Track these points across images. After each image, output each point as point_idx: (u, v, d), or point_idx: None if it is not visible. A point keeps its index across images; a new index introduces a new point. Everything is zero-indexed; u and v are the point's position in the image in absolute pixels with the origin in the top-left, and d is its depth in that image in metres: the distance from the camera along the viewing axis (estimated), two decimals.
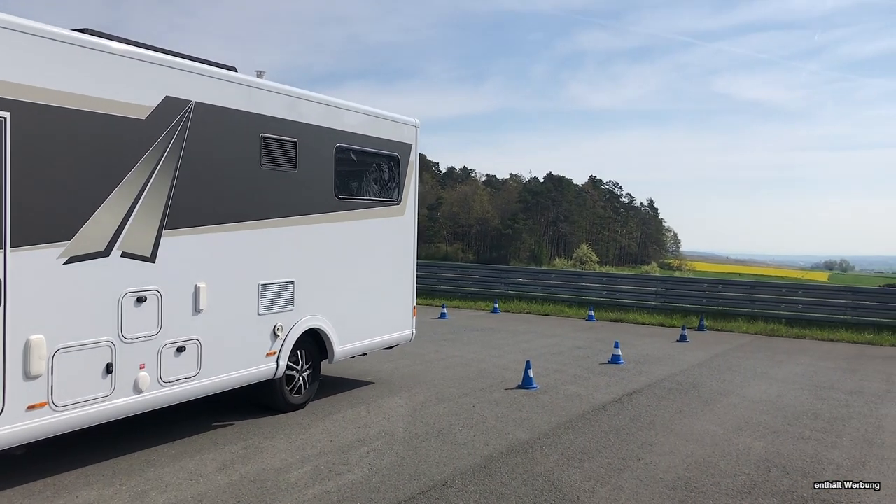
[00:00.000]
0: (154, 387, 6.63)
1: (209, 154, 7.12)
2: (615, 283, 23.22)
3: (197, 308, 7.05)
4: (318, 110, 8.57)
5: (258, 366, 7.86)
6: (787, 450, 7.69)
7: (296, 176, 8.21)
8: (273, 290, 7.99)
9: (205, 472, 6.41)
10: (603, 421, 8.63)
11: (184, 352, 6.91)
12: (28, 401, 5.59)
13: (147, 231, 6.51)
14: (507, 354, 13.20)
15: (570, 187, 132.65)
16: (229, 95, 7.36)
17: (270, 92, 7.91)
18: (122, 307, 6.31)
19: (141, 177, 6.41)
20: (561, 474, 6.64)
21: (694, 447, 7.66)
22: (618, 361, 12.72)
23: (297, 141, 8.20)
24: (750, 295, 20.58)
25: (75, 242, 5.90)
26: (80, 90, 5.90)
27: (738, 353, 14.67)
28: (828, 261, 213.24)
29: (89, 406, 6.05)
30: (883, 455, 7.66)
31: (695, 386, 10.95)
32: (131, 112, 6.33)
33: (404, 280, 10.35)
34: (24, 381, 5.57)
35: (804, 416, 9.24)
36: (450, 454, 7.12)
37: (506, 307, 21.29)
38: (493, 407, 9.13)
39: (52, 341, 5.73)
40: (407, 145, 10.25)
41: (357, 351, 9.50)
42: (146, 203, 6.47)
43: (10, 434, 5.49)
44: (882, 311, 18.82)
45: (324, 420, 8.26)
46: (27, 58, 5.53)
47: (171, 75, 6.72)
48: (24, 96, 5.49)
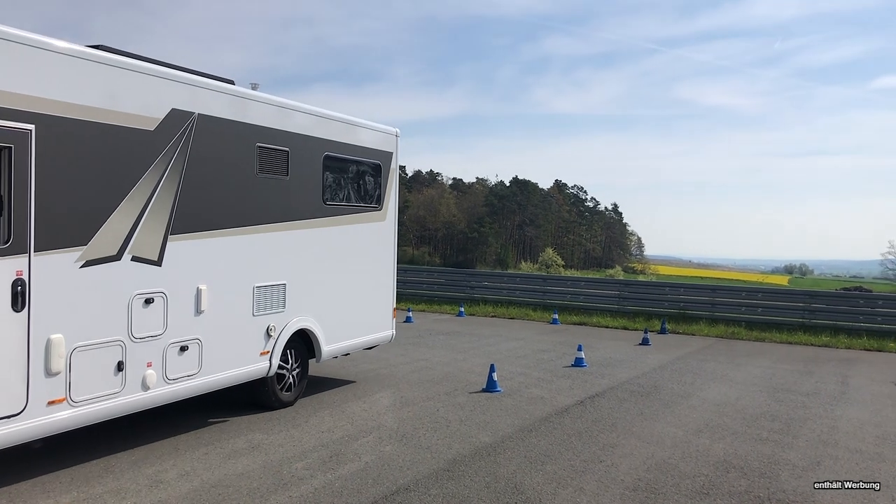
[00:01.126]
0: (160, 384, 7.00)
1: (210, 163, 7.52)
2: (579, 287, 23.47)
3: (198, 309, 7.44)
4: (307, 120, 9.01)
5: (253, 364, 8.25)
6: (745, 451, 7.84)
7: (288, 183, 8.63)
8: (266, 292, 8.39)
9: (165, 478, 6.33)
10: (566, 424, 8.71)
11: (186, 351, 7.29)
12: (49, 396, 5.93)
13: (154, 236, 6.90)
14: (471, 358, 13.24)
15: (536, 191, 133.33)
16: (228, 107, 7.79)
17: (265, 104, 8.34)
18: (131, 308, 6.68)
19: (149, 185, 6.81)
20: (523, 477, 6.68)
21: (655, 449, 7.77)
22: (581, 364, 12.83)
23: (288, 150, 8.62)
24: (711, 298, 20.90)
25: (91, 247, 6.27)
26: (96, 103, 6.28)
27: (698, 355, 14.90)
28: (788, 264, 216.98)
29: (102, 402, 6.40)
30: (837, 455, 7.83)
31: (656, 388, 11.09)
32: (141, 124, 6.73)
33: (385, 282, 10.81)
34: (46, 377, 5.91)
35: (762, 418, 9.42)
36: (413, 458, 7.13)
37: (471, 311, 21.35)
38: (457, 410, 9.15)
39: (69, 340, 6.07)
40: (388, 153, 10.72)
41: (342, 350, 9.90)
42: (154, 209, 6.87)
43: (33, 428, 5.84)
44: (838, 314, 19.25)
45: (286, 424, 8.21)
46: (49, 73, 5.89)
47: (177, 88, 7.12)
48: (46, 110, 5.84)
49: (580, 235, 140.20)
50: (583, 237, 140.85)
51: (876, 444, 8.39)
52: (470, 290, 23.52)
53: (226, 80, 8.05)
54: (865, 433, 8.86)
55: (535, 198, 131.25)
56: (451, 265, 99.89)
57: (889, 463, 7.61)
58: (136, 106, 6.67)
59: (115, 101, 6.46)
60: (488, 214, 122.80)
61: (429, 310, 21.84)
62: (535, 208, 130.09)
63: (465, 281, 24.38)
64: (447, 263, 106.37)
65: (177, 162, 7.09)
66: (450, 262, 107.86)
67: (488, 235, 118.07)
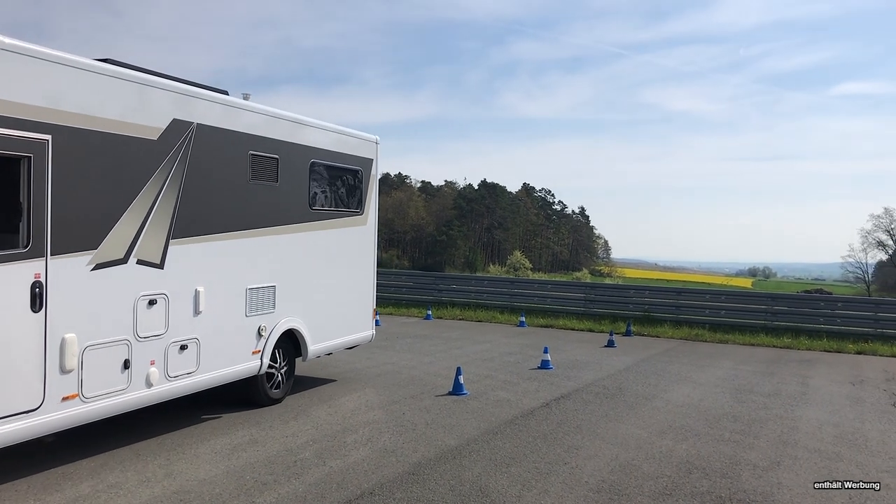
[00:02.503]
0: (162, 381, 7.34)
1: (207, 170, 7.89)
2: (546, 290, 23.59)
3: (197, 310, 7.80)
4: (295, 129, 9.45)
5: (245, 363, 8.62)
6: (708, 452, 7.93)
7: (277, 189, 9.04)
8: (258, 293, 8.79)
9: (126, 485, 6.23)
10: (531, 426, 8.74)
11: (186, 350, 7.65)
12: (63, 392, 6.26)
13: (157, 240, 7.26)
14: (438, 361, 13.24)
15: (504, 195, 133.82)
16: (224, 117, 8.18)
17: (257, 113, 8.76)
18: (137, 309, 7.04)
19: (153, 191, 7.18)
20: (488, 480, 6.69)
21: (619, 451, 7.83)
22: (547, 367, 12.90)
23: (278, 157, 9.03)
24: (676, 301, 21.15)
25: (101, 251, 6.61)
26: (106, 114, 6.64)
27: (663, 357, 15.06)
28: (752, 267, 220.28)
29: (110, 398, 6.75)
30: (797, 455, 7.97)
31: (621, 390, 11.19)
32: (146, 133, 7.09)
33: (366, 284, 11.29)
34: (60, 374, 6.23)
35: (724, 419, 9.54)
36: (378, 462, 7.10)
37: (439, 314, 21.34)
38: (423, 414, 9.14)
39: (81, 339, 6.41)
40: (369, 160, 11.16)
41: (327, 350, 10.32)
42: (157, 214, 7.23)
43: (49, 422, 6.15)
44: (799, 316, 19.61)
45: (250, 429, 8.14)
46: (63, 86, 6.23)
47: (178, 100, 7.50)
48: (61, 121, 6.18)
49: (548, 238, 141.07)
50: (550, 240, 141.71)
51: (834, 443, 8.54)
52: (438, 293, 23.53)
53: (220, 90, 8.41)
54: (824, 433, 9.03)
55: (503, 201, 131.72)
56: (419, 268, 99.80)
57: (847, 462, 7.76)
58: (141, 116, 7.03)
59: (123, 111, 6.82)
60: (457, 217, 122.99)
61: (396, 313, 21.80)
62: (504, 211, 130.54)
63: (433, 284, 24.38)
64: (416, 266, 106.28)
65: (178, 169, 7.46)
66: (418, 265, 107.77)
67: (457, 238, 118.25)
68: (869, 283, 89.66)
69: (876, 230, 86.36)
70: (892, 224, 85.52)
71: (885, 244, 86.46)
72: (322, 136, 9.99)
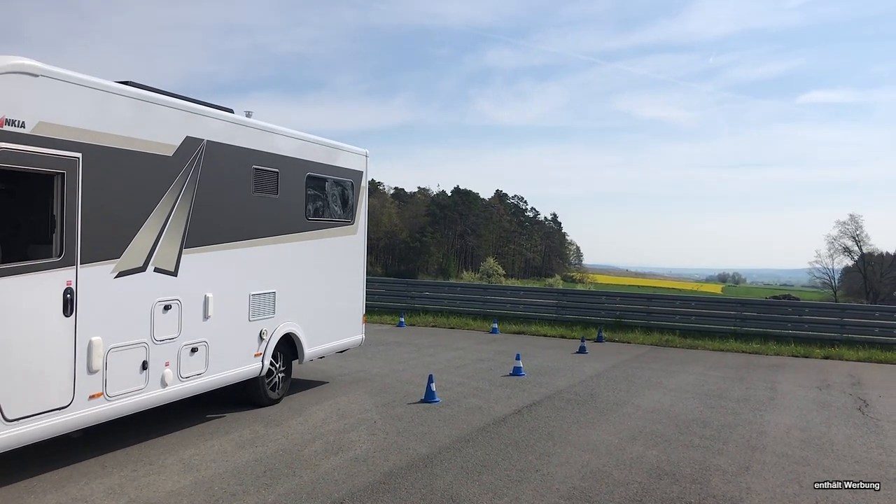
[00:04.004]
0: (175, 381, 7.85)
1: (215, 183, 8.40)
2: (518, 296, 23.62)
3: (206, 314, 8.31)
4: (293, 144, 10.00)
5: (248, 365, 9.14)
6: (678, 457, 7.98)
7: (277, 201, 9.56)
8: (260, 299, 9.30)
9: (91, 498, 6.12)
10: (503, 433, 8.74)
11: (196, 352, 8.16)
12: (90, 391, 6.76)
13: (172, 249, 7.77)
14: (411, 368, 13.19)
15: (477, 201, 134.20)
16: (230, 134, 8.72)
17: (259, 130, 9.30)
18: (154, 314, 7.55)
19: (168, 203, 7.70)
20: (460, 488, 6.67)
21: (590, 457, 7.85)
22: (519, 373, 12.92)
23: (278, 171, 9.56)
24: (646, 307, 21.30)
25: (123, 259, 7.13)
26: (129, 133, 7.17)
27: (634, 363, 15.15)
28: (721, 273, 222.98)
29: (130, 397, 7.24)
30: (765, 460, 8.05)
31: (592, 397, 11.23)
32: (162, 150, 7.62)
33: (357, 290, 11.87)
34: (88, 374, 6.73)
35: (694, 424, 9.62)
36: (348, 471, 7.05)
37: (412, 321, 21.29)
38: (394, 422, 9.10)
39: (106, 342, 6.91)
40: (359, 172, 11.76)
41: (321, 353, 10.83)
42: (172, 225, 7.74)
43: (78, 419, 6.66)
44: (768, 321, 19.84)
45: (219, 439, 8.04)
46: (92, 107, 6.77)
47: (190, 118, 8.05)
48: (90, 140, 6.69)
49: (521, 245, 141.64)
50: (523, 247, 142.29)
51: (801, 448, 8.65)
52: (411, 300, 23.46)
53: (226, 108, 8.97)
54: (792, 437, 9.13)
55: (476, 207, 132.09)
56: (392, 275, 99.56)
57: (813, 467, 7.85)
58: (158, 134, 7.57)
59: (143, 130, 7.37)
60: (430, 224, 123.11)
61: (369, 320, 21.49)
62: (477, 218, 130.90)
63: (406, 291, 24.31)
64: (389, 273, 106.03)
65: (190, 183, 7.99)
66: (391, 272, 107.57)
67: (430, 245, 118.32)
68: (835, 288, 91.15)
69: (842, 236, 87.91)
70: (857, 230, 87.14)
71: (850, 250, 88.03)
72: (317, 150, 10.56)
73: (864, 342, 18.28)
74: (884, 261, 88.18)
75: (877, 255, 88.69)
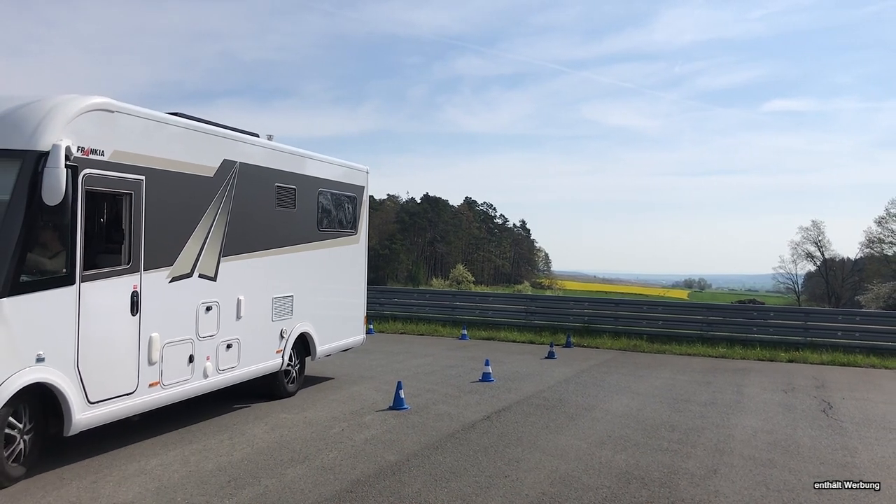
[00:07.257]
0: (214, 373, 8.95)
1: (247, 200, 9.54)
2: (488, 303, 23.63)
3: (238, 315, 9.43)
4: (307, 163, 11.26)
5: (271, 360, 10.29)
6: (646, 462, 7.99)
7: (294, 214, 10.77)
8: (281, 302, 10.45)
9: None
10: (472, 439, 8.68)
11: (231, 348, 9.28)
12: (149, 380, 7.82)
13: (212, 257, 8.90)
14: (380, 375, 13.08)
15: (447, 208, 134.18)
16: (258, 155, 9.96)
17: (281, 152, 10.55)
18: (198, 313, 8.65)
19: (210, 217, 8.83)
20: (428, 495, 6.59)
21: (559, 462, 7.82)
22: (488, 379, 12.87)
23: (296, 188, 10.76)
24: (614, 312, 21.42)
25: (175, 266, 8.24)
26: (180, 157, 8.30)
27: (602, 368, 15.20)
28: (687, 279, 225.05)
29: (179, 386, 8.32)
30: (732, 463, 8.08)
31: (561, 402, 11.22)
32: (205, 172, 8.78)
33: (359, 294, 13.11)
34: (148, 365, 7.79)
35: (662, 429, 9.64)
36: (315, 480, 6.93)
37: (381, 328, 21.16)
38: (362, 430, 8.99)
39: (162, 337, 7.98)
40: (361, 187, 13.04)
41: (330, 350, 12.05)
42: (212, 236, 8.87)
43: (140, 404, 7.72)
44: (734, 326, 20.05)
45: (182, 448, 7.87)
46: (152, 135, 7.89)
47: (226, 143, 9.22)
48: (151, 164, 7.80)
49: (490, 252, 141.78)
50: (492, 253, 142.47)
51: (768, 450, 8.71)
52: (380, 306, 23.30)
53: (253, 133, 10.11)
54: (758, 440, 9.20)
55: (445, 215, 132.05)
56: None
57: (780, 469, 7.90)
58: (202, 158, 8.71)
59: (191, 154, 8.50)
60: (399, 231, 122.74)
61: None
62: (446, 225, 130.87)
63: (376, 298, 24.09)
64: None
65: (227, 200, 9.12)
66: None
67: (399, 252, 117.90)
68: (799, 293, 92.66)
69: (805, 242, 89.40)
70: (819, 236, 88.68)
71: (813, 256, 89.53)
72: (326, 168, 11.80)
73: (828, 345, 18.55)
74: (845, 266, 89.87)
75: (838, 260, 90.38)
